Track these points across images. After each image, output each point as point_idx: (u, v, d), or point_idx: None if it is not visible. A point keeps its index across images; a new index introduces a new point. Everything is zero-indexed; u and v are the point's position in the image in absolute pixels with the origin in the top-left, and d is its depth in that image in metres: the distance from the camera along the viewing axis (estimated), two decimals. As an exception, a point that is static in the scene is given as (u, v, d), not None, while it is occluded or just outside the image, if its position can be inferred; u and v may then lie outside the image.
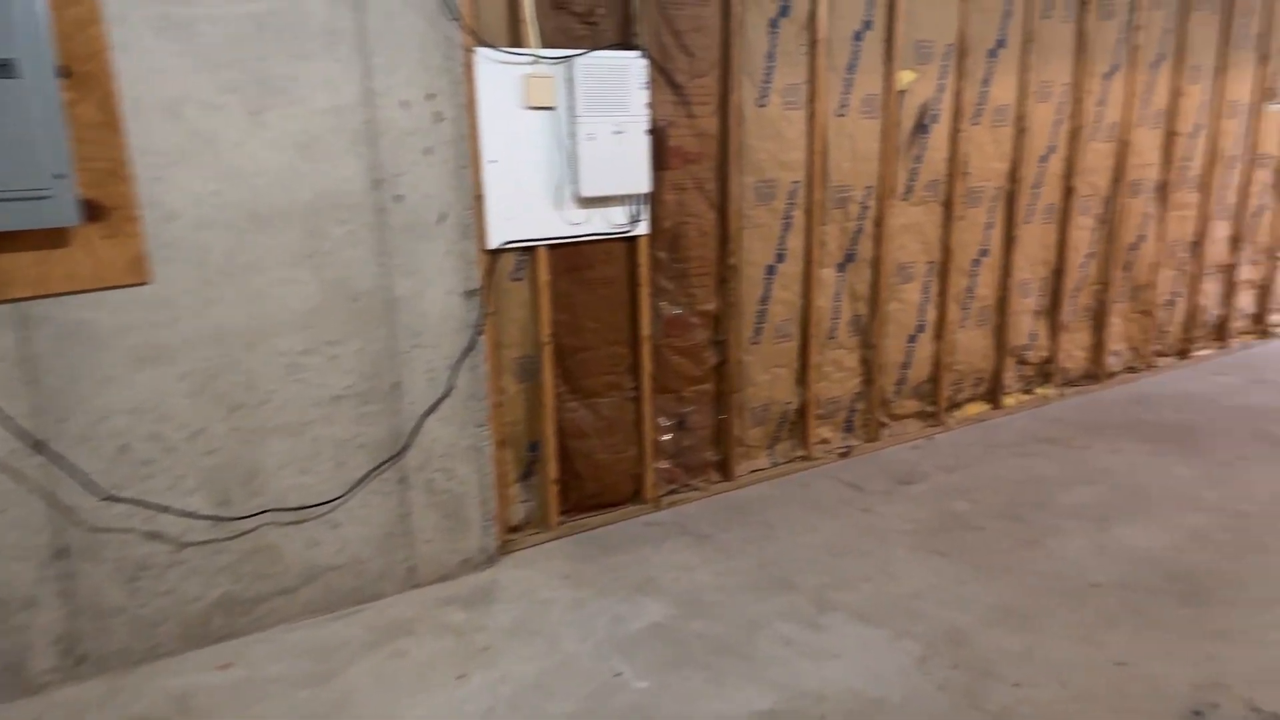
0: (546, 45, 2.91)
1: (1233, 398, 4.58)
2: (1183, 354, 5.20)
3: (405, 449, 2.78)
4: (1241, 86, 4.99)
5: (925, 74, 3.82)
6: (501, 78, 2.84)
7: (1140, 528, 3.19)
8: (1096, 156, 4.48)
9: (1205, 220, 5.04)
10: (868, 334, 3.93)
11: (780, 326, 3.68)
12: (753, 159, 3.45)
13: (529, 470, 3.21)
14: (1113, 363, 4.87)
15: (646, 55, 3.07)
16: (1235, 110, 5.01)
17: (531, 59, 2.88)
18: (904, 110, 3.80)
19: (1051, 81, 4.21)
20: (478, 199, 2.82)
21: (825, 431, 3.92)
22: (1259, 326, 5.59)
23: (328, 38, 2.46)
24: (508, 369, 3.08)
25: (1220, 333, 5.37)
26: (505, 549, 3.11)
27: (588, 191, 3.02)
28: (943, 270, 4.09)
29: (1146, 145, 4.67)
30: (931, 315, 4.12)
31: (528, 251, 3.03)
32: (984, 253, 4.23)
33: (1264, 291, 5.52)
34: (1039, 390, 4.60)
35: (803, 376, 3.78)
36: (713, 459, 3.62)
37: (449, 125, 2.69)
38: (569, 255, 3.11)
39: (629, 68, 3.00)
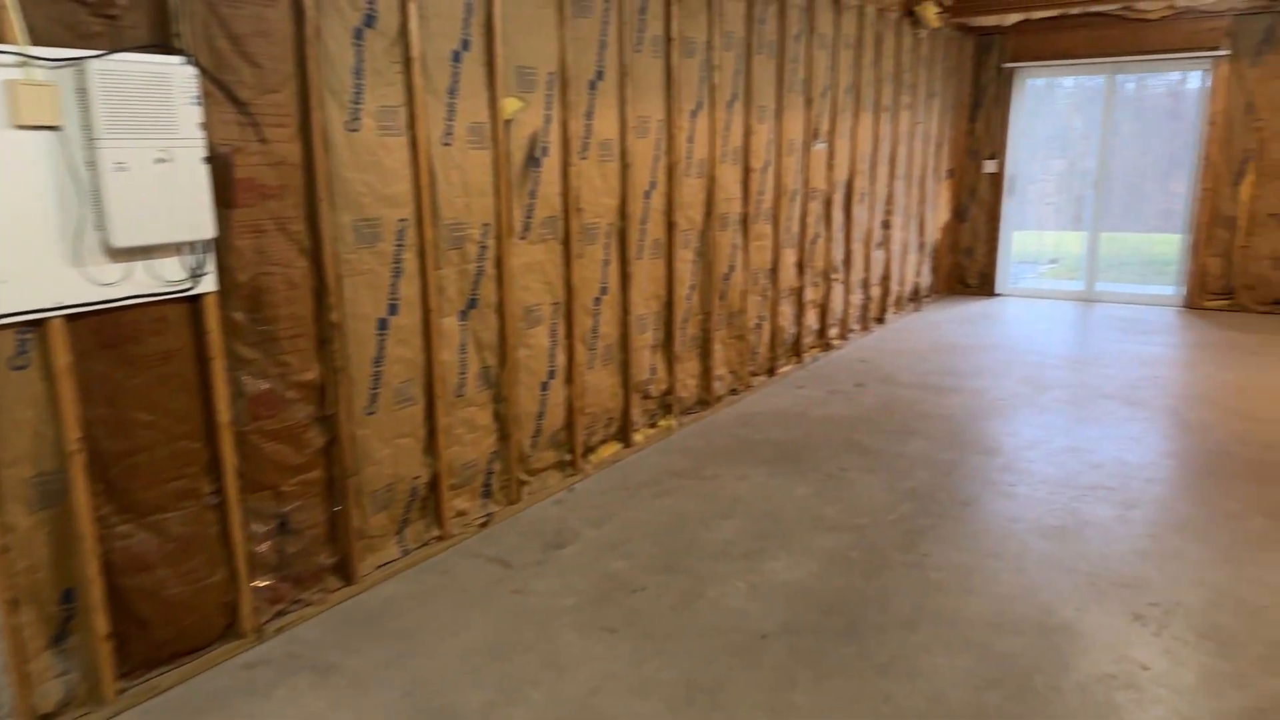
0: (40, 42, 2.08)
1: (818, 409, 4.99)
2: (771, 372, 5.59)
3: None
4: (795, 126, 5.51)
5: (531, 103, 3.54)
6: (-36, 79, 1.95)
7: (784, 560, 3.19)
8: (691, 192, 4.60)
9: (778, 249, 5.47)
10: (499, 386, 3.54)
11: (401, 389, 3.13)
12: (349, 193, 2.87)
13: (64, 630, 2.29)
14: (718, 387, 5.05)
15: (194, 62, 2.35)
16: (793, 148, 5.51)
17: (19, 59, 2.03)
18: (514, 141, 3.48)
19: (648, 117, 4.21)
20: (-64, 256, 1.90)
21: (462, 502, 3.44)
22: (822, 340, 6.25)
23: None
24: (14, 495, 2.15)
25: (796, 349, 5.90)
26: (34, 753, 2.16)
27: (123, 240, 2.22)
28: (567, 311, 3.85)
29: (729, 180, 4.91)
30: (561, 359, 3.86)
31: (33, 327, 2.14)
32: (604, 290, 4.08)
33: (824, 310, 6.19)
34: (662, 422, 4.59)
35: (432, 443, 3.26)
36: (329, 562, 2.95)
37: None
38: (102, 327, 2.27)
39: (170, 77, 2.27)
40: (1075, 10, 7.42)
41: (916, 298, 7.95)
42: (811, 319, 6.07)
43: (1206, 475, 3.91)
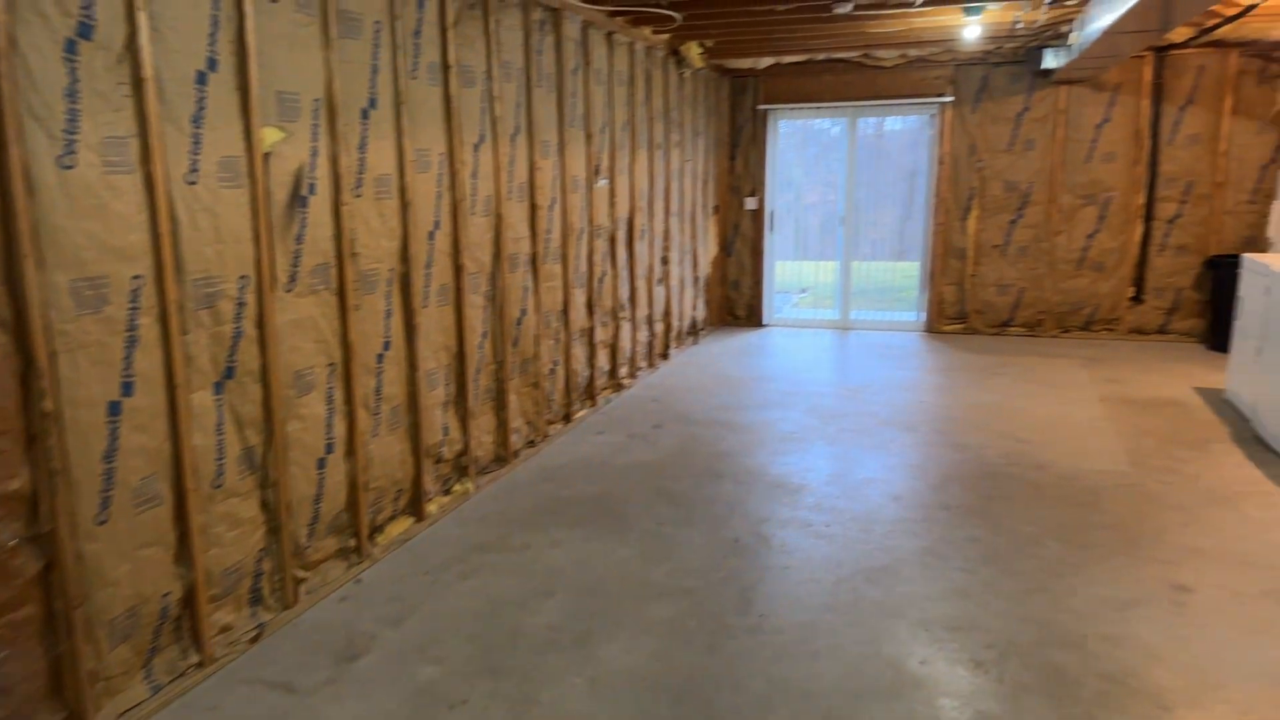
0: None
1: (621, 456, 4.77)
2: (567, 418, 5.31)
3: None
4: (578, 162, 5.31)
5: (295, 133, 3.03)
6: None
7: (620, 641, 2.90)
8: (478, 231, 4.23)
9: (568, 289, 5.22)
10: (266, 469, 2.96)
11: (141, 488, 2.50)
12: (65, 246, 2.24)
13: None
14: (516, 440, 4.69)
15: None
16: (577, 185, 5.30)
17: None
18: (275, 178, 2.95)
19: (428, 150, 3.80)
20: None
21: (226, 615, 2.82)
22: (614, 381, 6.07)
23: None
24: None
25: (590, 392, 5.67)
26: None
27: None
28: (346, 372, 3.33)
29: (517, 219, 4.59)
30: (340, 429, 3.33)
31: None
32: (387, 345, 3.60)
33: (614, 349, 6.02)
34: (458, 487, 4.15)
35: (184, 550, 2.64)
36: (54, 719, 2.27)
37: None
38: None
39: None
40: (820, 56, 7.88)
41: (694, 331, 8.03)
42: (603, 360, 5.87)
43: (995, 500, 4.10)
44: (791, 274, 9.09)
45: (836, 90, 8.22)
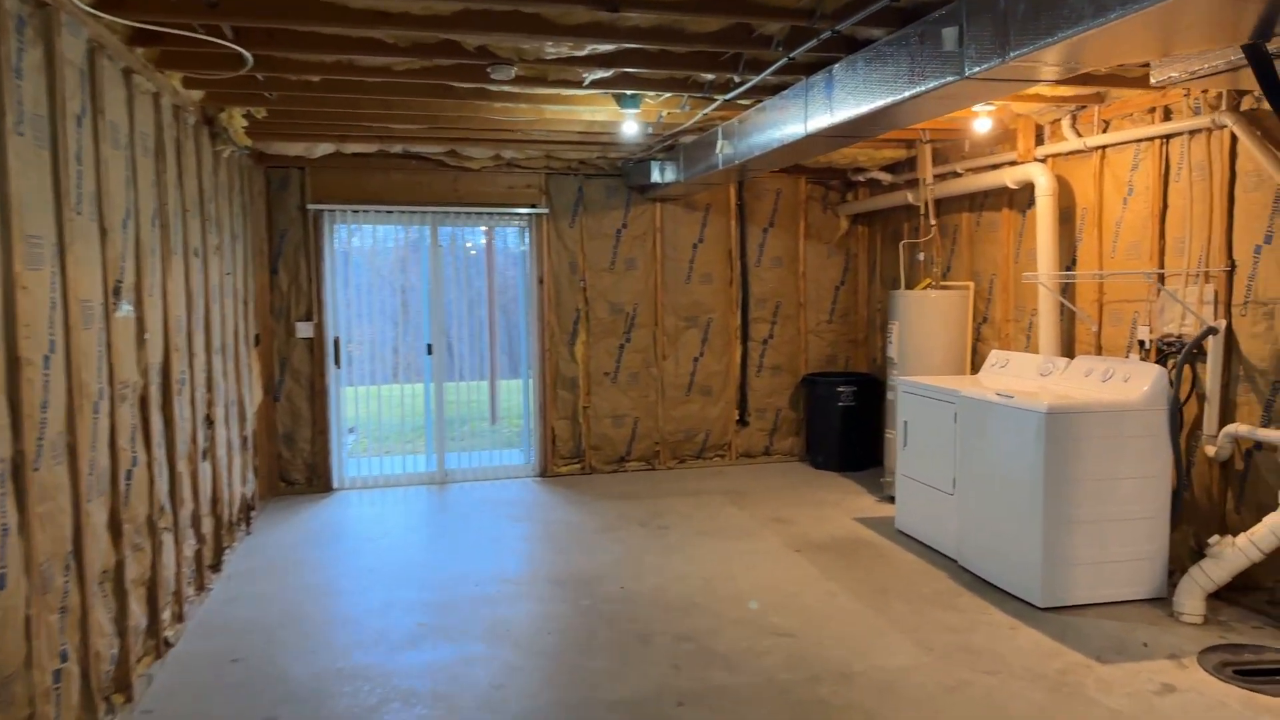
0: None
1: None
2: (86, 750, 2.81)
3: None
4: (91, 276, 2.99)
5: None
6: None
7: None
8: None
9: (80, 507, 2.82)
10: None
11: None
12: None
13: None
14: None
15: None
16: (90, 315, 2.96)
17: None
18: None
19: None
20: None
21: None
22: (155, 642, 3.59)
23: None
24: None
25: (123, 678, 3.18)
26: None
27: None
28: None
29: (-20, 390, 2.21)
30: None
31: None
32: None
33: (153, 587, 3.57)
34: None
35: None
36: None
37: None
38: None
39: None
40: (396, 149, 6.33)
41: (247, 517, 5.62)
42: (138, 612, 3.40)
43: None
44: (369, 412, 7.14)
45: (411, 192, 6.70)
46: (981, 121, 4.92)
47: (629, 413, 7.14)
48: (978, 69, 2.85)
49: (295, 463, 6.64)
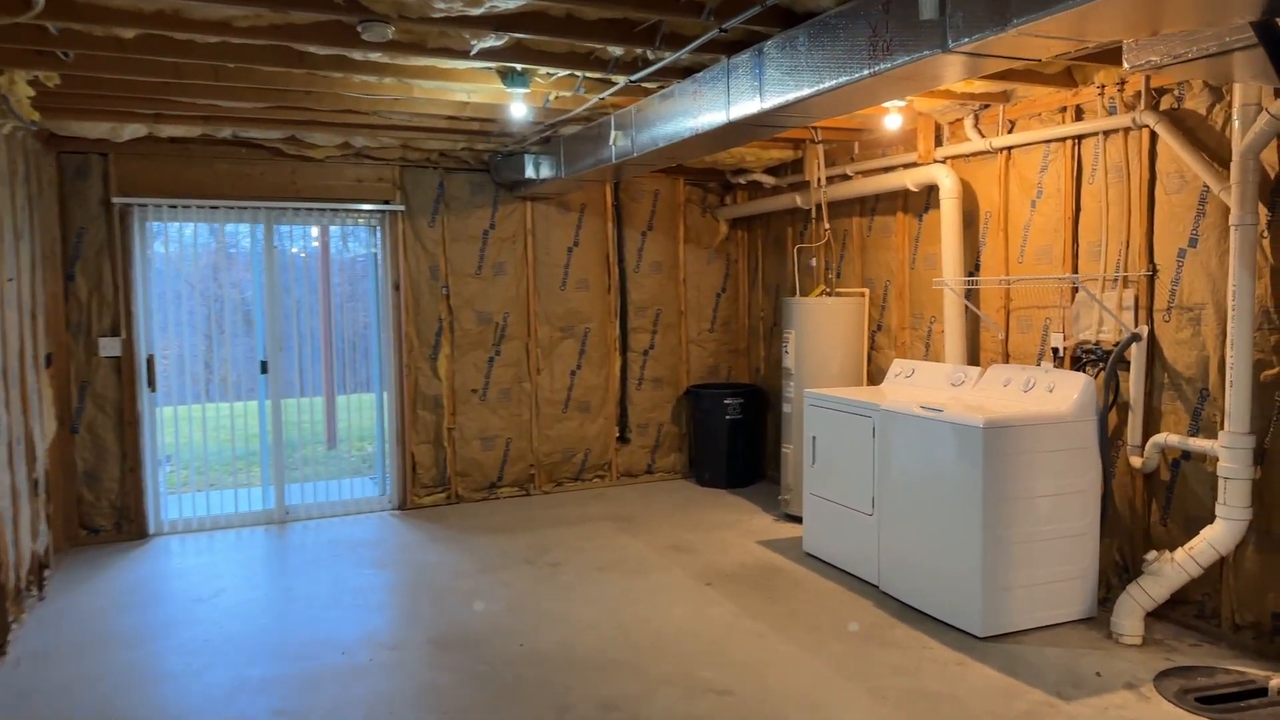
0: None
1: None
2: None
3: None
4: None
5: None
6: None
7: None
8: None
9: None
10: None
11: None
12: None
13: None
14: None
15: None
16: None
17: None
18: None
19: None
20: None
21: None
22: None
23: None
24: None
25: None
26: None
27: None
28: None
29: None
30: None
31: None
32: None
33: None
34: None
35: None
36: None
37: None
38: None
39: None
40: (225, 132, 5.39)
41: (39, 578, 4.54)
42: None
43: None
44: (190, 438, 6.03)
45: (240, 185, 5.76)
46: (892, 118, 4.65)
47: (500, 433, 6.47)
48: (966, 41, 2.47)
49: (100, 506, 5.53)
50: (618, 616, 4.12)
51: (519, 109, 4.21)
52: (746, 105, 3.51)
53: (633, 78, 3.91)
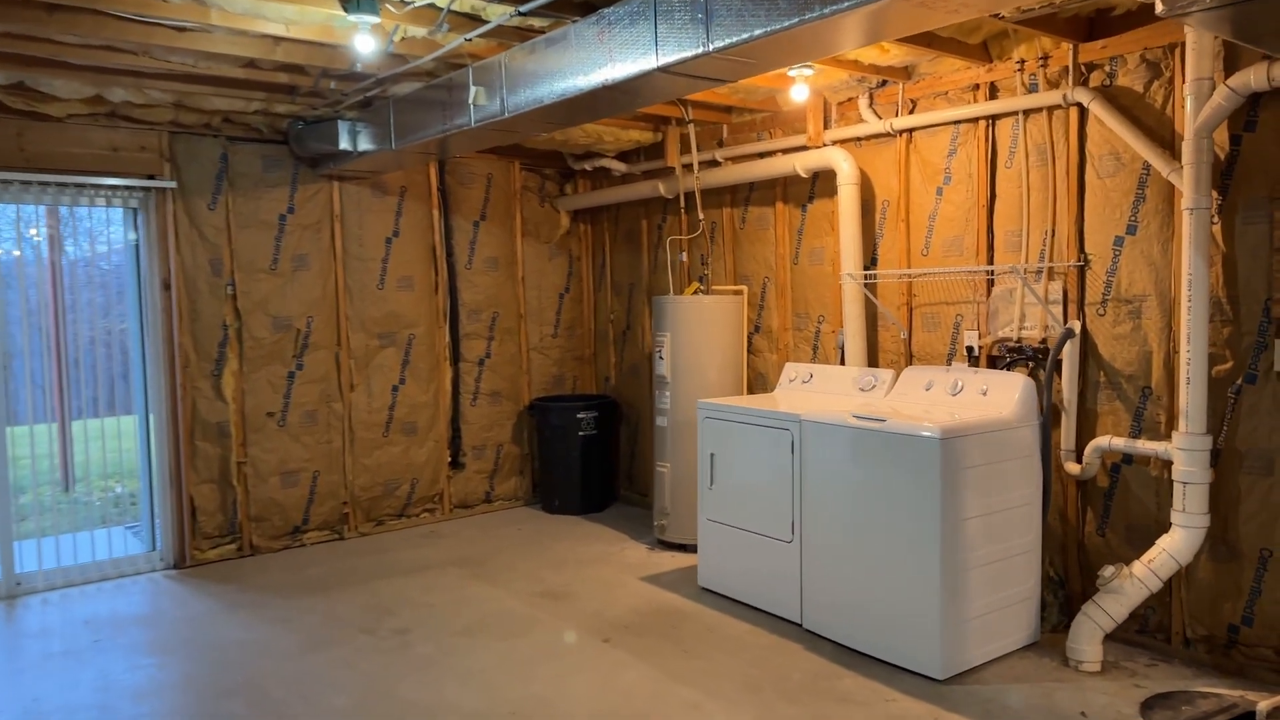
0: None
1: None
2: None
3: None
4: None
5: None
6: None
7: None
8: None
9: None
10: None
11: None
12: None
13: None
14: None
15: None
16: None
17: None
18: None
19: None
20: None
21: None
22: None
23: None
24: None
25: None
26: None
27: None
28: None
29: None
30: None
31: None
32: None
33: None
34: None
35: None
36: None
37: None
38: None
39: None
40: (-92, 70, 3.87)
41: None
42: None
43: None
44: None
45: (-65, 145, 4.23)
46: (798, 89, 4.10)
47: (305, 465, 5.27)
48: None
49: None
50: (507, 701, 3.22)
51: (367, 43, 3.19)
52: (683, 48, 2.78)
53: (523, 9, 3.05)
